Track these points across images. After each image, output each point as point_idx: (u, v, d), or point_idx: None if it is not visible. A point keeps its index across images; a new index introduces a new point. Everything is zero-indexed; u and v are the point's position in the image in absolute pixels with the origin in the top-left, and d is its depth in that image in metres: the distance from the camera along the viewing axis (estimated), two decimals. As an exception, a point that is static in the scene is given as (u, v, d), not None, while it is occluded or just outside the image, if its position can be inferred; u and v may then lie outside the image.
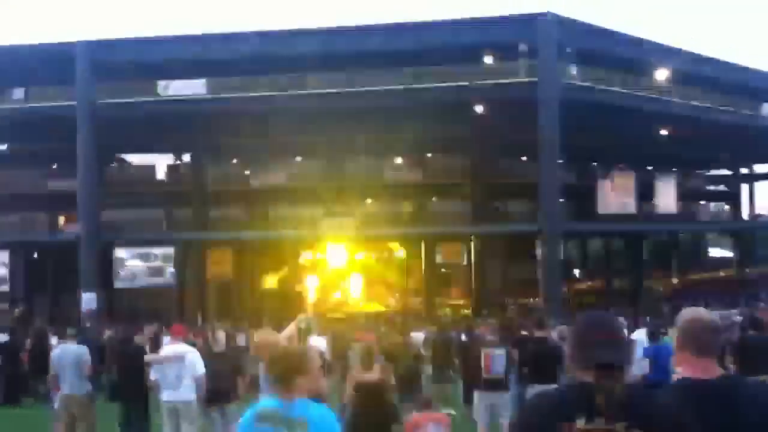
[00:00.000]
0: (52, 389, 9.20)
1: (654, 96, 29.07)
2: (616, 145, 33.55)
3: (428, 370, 11.96)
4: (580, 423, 1.99)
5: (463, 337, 12.38)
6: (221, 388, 7.79)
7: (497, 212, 35.79)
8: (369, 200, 38.51)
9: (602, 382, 2.01)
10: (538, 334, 8.32)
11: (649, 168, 38.08)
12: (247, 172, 36.93)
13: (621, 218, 34.32)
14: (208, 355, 8.03)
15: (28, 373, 14.15)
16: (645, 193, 36.16)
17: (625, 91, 28.10)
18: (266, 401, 3.28)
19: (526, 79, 25.83)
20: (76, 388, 8.20)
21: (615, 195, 33.97)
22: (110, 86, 27.16)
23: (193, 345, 8.17)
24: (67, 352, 8.34)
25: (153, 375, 7.66)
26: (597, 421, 1.98)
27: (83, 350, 8.40)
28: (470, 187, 33.92)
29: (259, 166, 36.95)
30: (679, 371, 2.48)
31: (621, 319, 14.68)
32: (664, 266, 43.34)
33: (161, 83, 27.73)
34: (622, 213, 34.33)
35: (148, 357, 7.81)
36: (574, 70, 27.15)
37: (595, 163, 36.10)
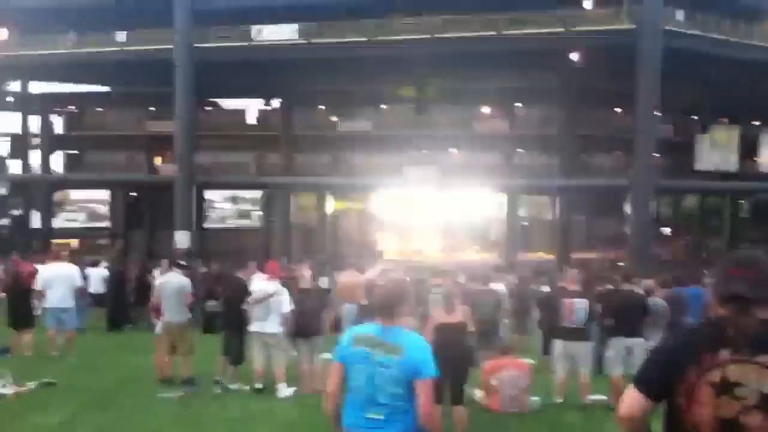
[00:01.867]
0: (154, 316, 9.85)
1: (766, 45, 27.03)
2: (721, 98, 31.63)
3: (507, 320, 11.97)
4: (724, 354, 2.01)
5: (545, 289, 12.28)
6: (308, 323, 8.13)
7: (586, 166, 34.70)
8: (454, 150, 38.17)
9: (735, 315, 2.03)
10: (624, 287, 8.14)
11: (756, 123, 35.80)
12: (334, 119, 37.30)
13: (719, 176, 32.61)
14: (296, 292, 8.36)
15: (132, 303, 15.13)
16: (748, 150, 34.10)
17: (733, 39, 26.25)
18: (364, 326, 3.48)
19: (627, 26, 24.55)
20: (176, 316, 8.79)
21: (715, 150, 32.26)
22: (206, 30, 27.80)
23: (286, 285, 8.52)
24: (171, 281, 8.90)
25: (245, 307, 8.19)
26: (742, 352, 2.00)
27: (185, 281, 8.96)
28: (560, 138, 32.98)
29: (346, 112, 37.21)
30: None
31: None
32: (764, 228, 41.04)
33: (254, 28, 28.13)
34: (721, 170, 32.60)
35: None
36: (680, 15, 25.51)
37: (695, 117, 34.23)
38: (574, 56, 26.49)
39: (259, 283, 8.66)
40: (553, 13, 25.06)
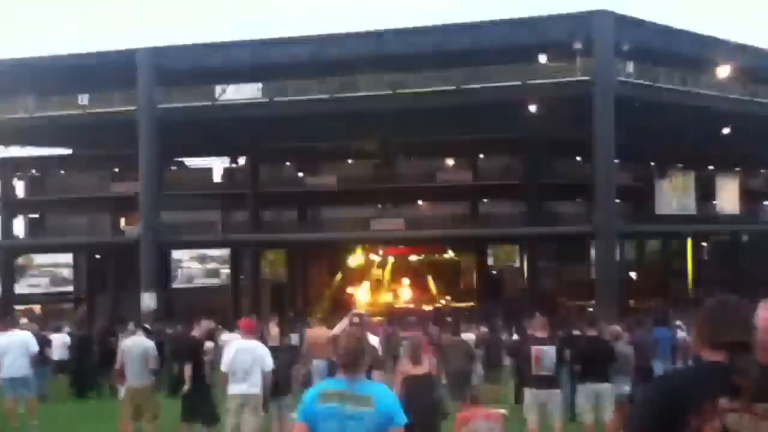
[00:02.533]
0: (118, 381, 9.59)
1: (715, 93, 28.21)
2: (675, 144, 32.70)
3: (480, 370, 11.94)
4: (724, 402, 1.99)
5: (515, 337, 12.33)
6: (277, 381, 7.96)
7: (550, 213, 35.30)
8: (420, 202, 38.55)
9: (738, 362, 2.02)
10: (590, 332, 8.23)
11: (710, 167, 36.96)
12: (300, 175, 37.50)
13: (679, 219, 33.42)
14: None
15: (96, 368, 14.72)
16: (705, 193, 35.08)
17: (683, 88, 27.37)
18: (329, 381, 3.48)
19: (582, 78, 25.45)
20: (141, 380, 8.56)
21: (674, 195, 33.13)
22: (170, 90, 28.00)
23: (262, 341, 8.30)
24: (135, 345, 8.70)
25: (223, 368, 7.79)
26: (737, 401, 1.98)
27: (150, 344, 8.78)
28: (523, 188, 33.58)
29: (312, 168, 37.46)
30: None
31: (679, 322, 14.31)
32: (726, 268, 41.92)
33: (218, 88, 28.45)
34: (680, 213, 33.44)
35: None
36: (630, 67, 26.58)
37: (653, 163, 35.24)
38: (533, 108, 27.27)
39: (238, 342, 8.43)
40: (510, 67, 25.88)
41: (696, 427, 2.00)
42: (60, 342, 14.85)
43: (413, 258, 39.84)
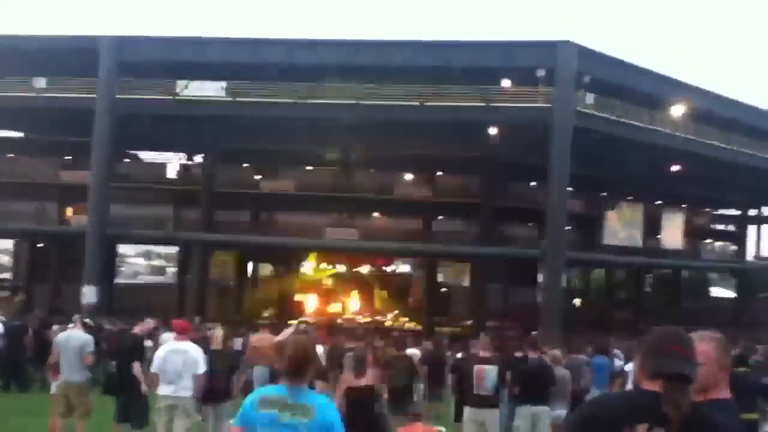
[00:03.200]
0: (51, 375, 9.28)
1: (667, 131, 29.16)
2: (626, 177, 33.62)
3: (422, 386, 11.98)
4: (641, 429, 2.01)
5: (459, 355, 12.42)
6: (216, 386, 7.82)
7: (502, 235, 35.80)
8: (375, 214, 38.62)
9: (671, 392, 2.03)
10: (531, 355, 8.36)
11: (658, 202, 38.09)
12: (257, 177, 37.15)
13: (626, 250, 34.28)
14: (205, 353, 8.07)
15: (29, 360, 14.24)
16: (651, 227, 36.11)
17: (639, 124, 28.22)
18: (270, 388, 3.38)
19: (542, 105, 26.00)
20: (74, 375, 8.27)
21: (621, 226, 33.99)
22: (131, 82, 27.47)
23: (198, 343, 8.15)
24: (72, 338, 8.41)
25: (153, 368, 7.62)
26: (656, 430, 2.00)
27: (88, 338, 8.47)
28: (478, 208, 33.99)
29: (270, 171, 37.16)
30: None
31: (617, 351, 14.66)
32: (666, 301, 43.18)
33: (180, 83, 28.03)
34: (626, 245, 34.30)
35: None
36: (590, 99, 27.29)
37: (604, 194, 36.14)
38: (493, 130, 27.68)
39: (170, 344, 8.29)
40: (474, 87, 26.27)
41: None
42: (-3, 331, 14.33)
43: (364, 270, 39.86)
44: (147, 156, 39.49)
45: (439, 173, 36.81)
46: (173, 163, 38.51)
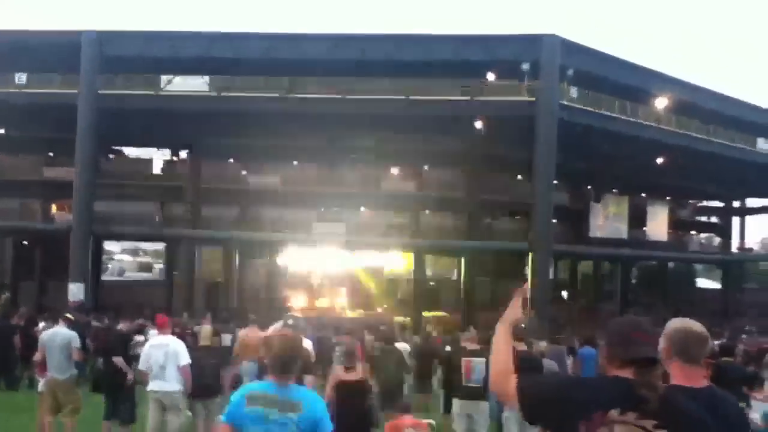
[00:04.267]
0: (37, 372, 9.21)
1: (651, 124, 29.37)
2: (611, 170, 33.84)
3: (411, 379, 12.02)
4: (614, 413, 2.10)
5: (448, 348, 12.47)
6: (206, 382, 7.83)
7: (489, 229, 35.93)
8: (362, 208, 38.60)
9: (645, 376, 2.14)
10: (519, 347, 8.41)
11: (642, 195, 38.38)
12: (243, 173, 36.98)
13: (611, 243, 34.53)
14: (194, 349, 8.07)
15: (16, 358, 14.12)
16: (636, 220, 36.40)
17: (622, 117, 28.40)
18: (257, 384, 3.40)
19: (527, 98, 26.07)
20: (62, 372, 8.22)
21: (606, 219, 34.22)
22: (114, 77, 27.23)
23: (181, 338, 8.17)
24: (57, 335, 8.35)
25: (140, 365, 7.66)
26: (629, 414, 2.09)
27: (73, 335, 8.41)
28: (465, 201, 34.08)
29: (255, 167, 37.01)
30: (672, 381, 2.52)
31: (602, 343, 14.88)
32: (652, 293, 43.56)
33: (164, 78, 27.82)
34: (612, 237, 34.55)
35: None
36: (574, 92, 27.41)
37: (589, 187, 36.36)
38: (478, 124, 27.75)
39: (153, 339, 8.28)
40: (459, 81, 26.30)
41: None
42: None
43: (353, 265, 39.82)
44: (132, 152, 39.18)
45: (426, 167, 36.84)
46: (158, 159, 38.30)
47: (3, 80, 27.91)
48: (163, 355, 7.50)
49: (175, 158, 37.68)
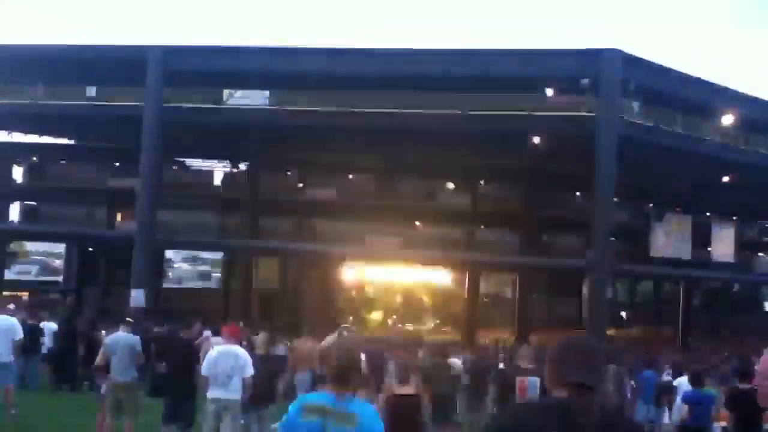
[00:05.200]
0: (98, 375, 9.50)
1: (716, 140, 28.42)
2: (674, 188, 32.87)
3: (464, 396, 11.88)
4: None
5: (501, 365, 12.29)
6: (260, 391, 7.89)
7: (545, 245, 35.35)
8: (417, 222, 38.54)
9: (576, 399, 2.09)
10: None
11: (707, 214, 37.11)
12: (300, 185, 37.49)
13: (674, 263, 33.47)
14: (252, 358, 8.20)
15: (79, 360, 14.62)
16: (700, 240, 35.19)
17: (686, 133, 27.57)
18: (314, 395, 3.39)
19: (586, 114, 25.62)
20: (124, 375, 8.49)
21: (669, 238, 33.20)
22: (178, 90, 28.07)
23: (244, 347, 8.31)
24: (120, 339, 8.63)
25: (203, 371, 7.74)
26: None
27: (136, 339, 8.71)
28: (521, 217, 33.65)
29: (312, 179, 37.49)
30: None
31: (666, 366, 14.27)
32: (714, 316, 41.98)
33: (226, 92, 28.54)
34: (675, 257, 33.48)
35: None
36: (635, 107, 26.78)
37: (651, 205, 35.39)
38: (536, 139, 27.41)
39: (221, 347, 8.40)
40: (517, 96, 26.05)
41: None
42: (51, 332, 14.81)
43: (407, 279, 39.75)
44: (194, 163, 40.25)
45: (481, 182, 36.58)
46: (218, 170, 39.21)
47: (74, 93, 29.12)
48: (231, 364, 7.60)
49: (235, 170, 38.51)
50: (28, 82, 29.40)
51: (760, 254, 45.37)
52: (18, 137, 38.10)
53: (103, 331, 14.33)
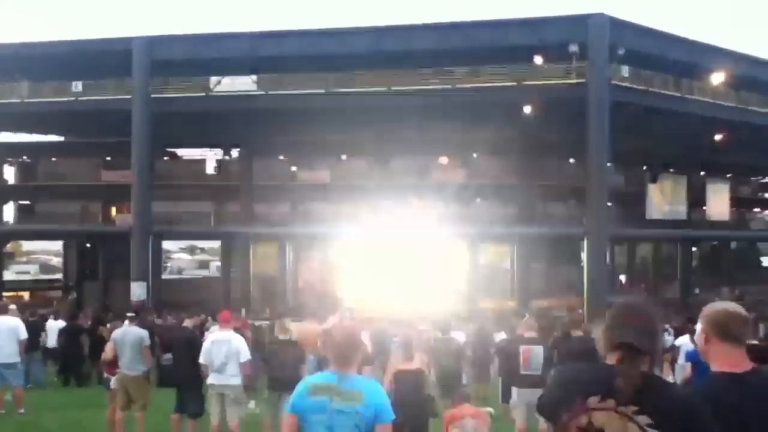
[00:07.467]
0: (105, 370, 9.55)
1: (707, 100, 28.38)
2: (667, 150, 32.87)
3: (468, 368, 11.98)
4: (593, 400, 2.08)
5: (504, 336, 12.37)
6: (288, 373, 7.81)
7: (542, 215, 35.41)
8: (413, 199, 38.52)
9: (623, 363, 2.09)
10: (575, 333, 8.29)
11: (701, 173, 37.19)
12: (293, 168, 37.40)
13: (670, 224, 33.61)
14: (274, 343, 8.29)
15: (85, 357, 14.71)
16: (696, 199, 35.30)
17: (677, 94, 27.51)
18: (319, 375, 3.46)
19: (576, 80, 25.54)
20: (132, 368, 8.57)
21: (664, 200, 33.30)
22: (164, 80, 27.87)
23: (241, 334, 8.41)
24: (128, 333, 8.69)
25: (201, 359, 7.93)
26: (608, 401, 2.06)
27: (144, 333, 8.79)
28: (516, 188, 33.67)
29: (305, 162, 37.40)
30: (714, 365, 2.45)
31: (666, 325, 14.38)
32: (715, 274, 42.26)
33: (213, 79, 28.34)
34: (671, 218, 33.62)
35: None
36: (625, 71, 26.68)
37: (645, 167, 35.44)
38: (528, 109, 27.33)
39: (215, 334, 8.51)
40: (506, 67, 25.93)
41: (565, 421, 2.11)
42: (55, 329, 14.88)
43: (406, 255, 39.79)
44: (185, 153, 40.09)
45: (474, 155, 36.53)
46: (211, 158, 39.06)
47: (60, 90, 28.88)
48: (225, 351, 7.77)
49: (227, 157, 38.39)
50: (13, 81, 29.12)
51: (755, 210, 45.59)
52: (6, 137, 37.89)
53: (108, 325, 14.40)
